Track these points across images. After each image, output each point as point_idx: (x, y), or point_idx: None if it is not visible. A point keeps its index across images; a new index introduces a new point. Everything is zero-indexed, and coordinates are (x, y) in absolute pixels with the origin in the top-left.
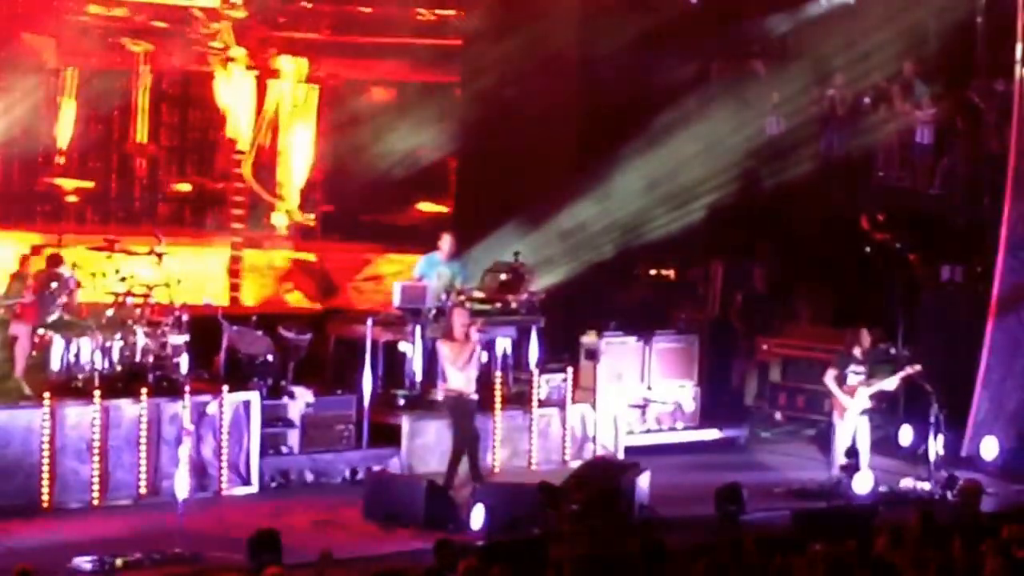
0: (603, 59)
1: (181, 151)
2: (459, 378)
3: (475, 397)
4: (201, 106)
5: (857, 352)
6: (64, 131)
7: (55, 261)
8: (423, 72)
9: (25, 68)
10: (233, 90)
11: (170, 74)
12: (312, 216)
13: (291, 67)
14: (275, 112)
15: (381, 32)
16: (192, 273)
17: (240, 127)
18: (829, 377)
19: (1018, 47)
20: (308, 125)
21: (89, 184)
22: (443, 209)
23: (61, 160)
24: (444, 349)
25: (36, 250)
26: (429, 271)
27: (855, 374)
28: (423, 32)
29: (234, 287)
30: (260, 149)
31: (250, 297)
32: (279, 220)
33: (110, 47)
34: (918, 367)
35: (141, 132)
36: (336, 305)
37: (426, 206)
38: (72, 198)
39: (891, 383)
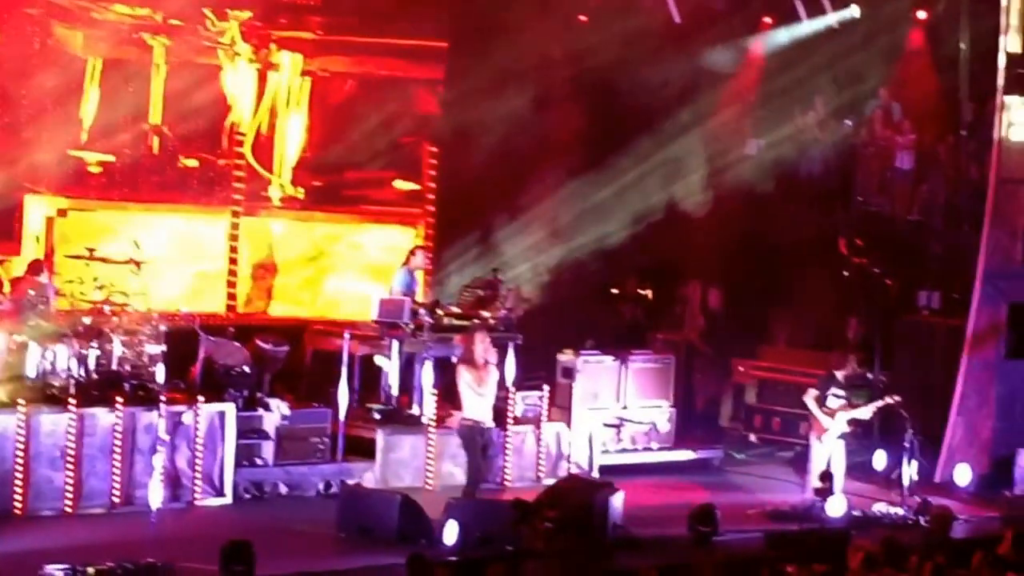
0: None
1: (190, 132)
2: (478, 406)
3: (491, 426)
4: (209, 94)
5: (840, 376)
6: (88, 112)
7: (35, 268)
8: (408, 69)
9: (56, 56)
10: (238, 81)
11: (183, 66)
12: (302, 190)
13: (288, 62)
14: (273, 100)
15: (367, 33)
16: (196, 236)
17: (242, 113)
18: (809, 397)
19: (999, 74)
20: (301, 112)
21: (110, 158)
22: (416, 187)
23: (85, 137)
24: (466, 375)
25: (62, 212)
26: (412, 284)
27: (836, 397)
28: (408, 34)
29: (232, 249)
30: (259, 132)
31: (247, 264)
32: (274, 193)
33: (132, 41)
34: (898, 398)
35: (155, 115)
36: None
37: (401, 184)
38: (95, 169)
39: (868, 411)
